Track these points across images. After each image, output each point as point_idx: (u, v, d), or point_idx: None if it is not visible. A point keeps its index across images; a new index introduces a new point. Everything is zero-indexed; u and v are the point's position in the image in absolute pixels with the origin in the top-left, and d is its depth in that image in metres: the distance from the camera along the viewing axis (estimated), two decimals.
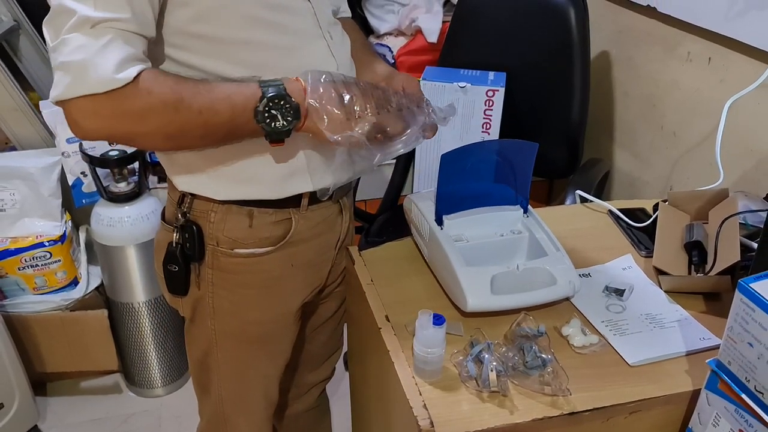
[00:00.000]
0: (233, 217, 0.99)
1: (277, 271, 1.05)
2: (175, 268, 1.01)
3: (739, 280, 0.74)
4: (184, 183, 0.99)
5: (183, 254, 1.00)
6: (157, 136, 0.86)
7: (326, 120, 0.87)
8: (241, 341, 1.10)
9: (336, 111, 0.88)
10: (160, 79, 0.82)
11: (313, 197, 1.02)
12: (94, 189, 1.79)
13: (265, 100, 0.84)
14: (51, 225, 1.81)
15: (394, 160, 1.98)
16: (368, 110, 0.89)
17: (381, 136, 0.93)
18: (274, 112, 0.85)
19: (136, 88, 0.79)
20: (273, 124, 0.85)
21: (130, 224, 1.75)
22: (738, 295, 0.74)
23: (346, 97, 0.88)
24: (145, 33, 0.83)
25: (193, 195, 0.99)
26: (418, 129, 0.96)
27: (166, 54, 0.89)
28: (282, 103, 0.85)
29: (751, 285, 0.72)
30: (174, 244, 1.00)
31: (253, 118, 0.85)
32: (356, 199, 1.94)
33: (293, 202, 1.01)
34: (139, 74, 0.79)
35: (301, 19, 0.95)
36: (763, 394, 0.73)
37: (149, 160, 1.89)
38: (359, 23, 2.16)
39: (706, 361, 0.81)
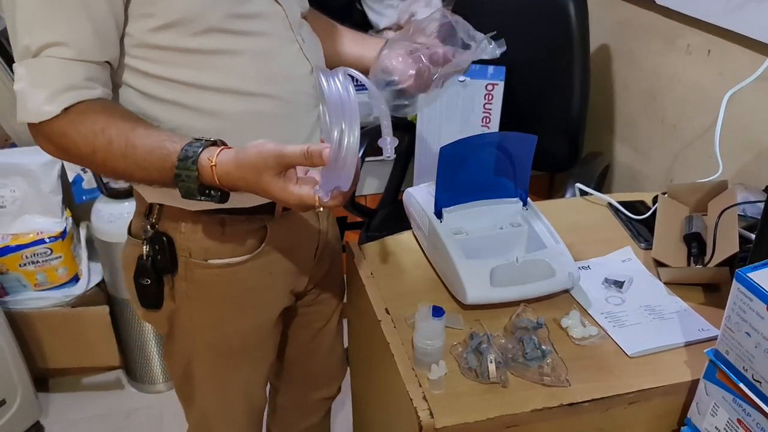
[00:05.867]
0: (205, 226, 0.95)
1: (255, 280, 1.01)
2: (147, 281, 0.97)
3: (736, 270, 0.74)
4: (152, 194, 0.95)
5: (154, 267, 0.97)
6: (95, 171, 0.86)
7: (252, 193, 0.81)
8: (222, 352, 1.06)
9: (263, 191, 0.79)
10: (77, 125, 0.80)
11: None
12: (95, 185, 1.79)
13: (180, 191, 0.81)
14: (51, 221, 1.82)
15: (394, 155, 1.98)
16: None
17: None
18: (192, 195, 0.81)
19: (57, 125, 0.80)
20: (194, 199, 0.81)
21: (130, 220, 1.75)
22: (735, 285, 0.74)
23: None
24: (88, 58, 0.80)
25: (161, 205, 0.96)
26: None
27: (127, 65, 0.86)
28: (198, 195, 0.80)
29: (748, 275, 0.73)
30: (144, 257, 0.96)
31: (174, 187, 0.81)
32: (356, 195, 1.94)
33: (267, 208, 0.97)
34: (68, 108, 0.79)
35: (272, 23, 0.91)
36: (761, 383, 0.73)
37: None
38: (359, 18, 2.16)
39: (705, 351, 0.82)
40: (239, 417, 1.16)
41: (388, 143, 0.79)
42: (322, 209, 0.78)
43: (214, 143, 0.81)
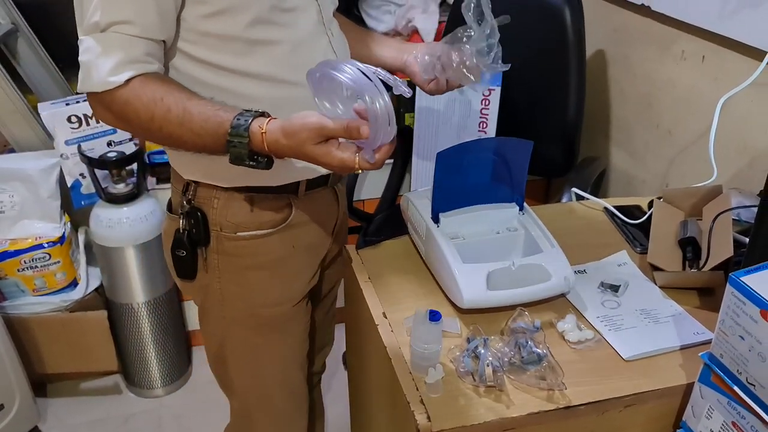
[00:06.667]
0: (235, 202, 1.04)
1: (279, 252, 1.08)
2: (182, 252, 1.07)
3: (730, 274, 0.75)
4: (189, 172, 1.04)
5: (189, 239, 1.05)
6: (147, 138, 0.94)
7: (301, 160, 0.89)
8: (252, 327, 1.12)
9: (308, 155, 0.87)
10: (139, 93, 0.87)
11: (311, 183, 1.07)
12: (93, 190, 1.79)
13: (231, 156, 0.88)
14: (50, 226, 1.82)
15: (392, 160, 1.99)
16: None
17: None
18: (242, 160, 0.88)
19: (119, 94, 0.87)
20: (242, 164, 0.88)
21: (128, 225, 1.76)
22: (729, 289, 0.75)
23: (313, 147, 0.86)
24: (150, 35, 0.88)
25: (197, 183, 1.04)
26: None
27: (178, 47, 0.93)
28: (247, 160, 0.88)
29: (742, 278, 0.73)
30: (181, 231, 1.05)
31: (224, 153, 0.89)
32: (354, 199, 1.95)
33: (292, 187, 1.05)
34: (130, 80, 0.86)
35: (307, 16, 0.99)
36: (755, 386, 0.74)
37: (147, 162, 1.89)
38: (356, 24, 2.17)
39: (699, 354, 0.83)
40: (279, 402, 1.19)
41: (399, 83, 0.86)
42: (361, 171, 0.87)
43: (262, 114, 0.88)
